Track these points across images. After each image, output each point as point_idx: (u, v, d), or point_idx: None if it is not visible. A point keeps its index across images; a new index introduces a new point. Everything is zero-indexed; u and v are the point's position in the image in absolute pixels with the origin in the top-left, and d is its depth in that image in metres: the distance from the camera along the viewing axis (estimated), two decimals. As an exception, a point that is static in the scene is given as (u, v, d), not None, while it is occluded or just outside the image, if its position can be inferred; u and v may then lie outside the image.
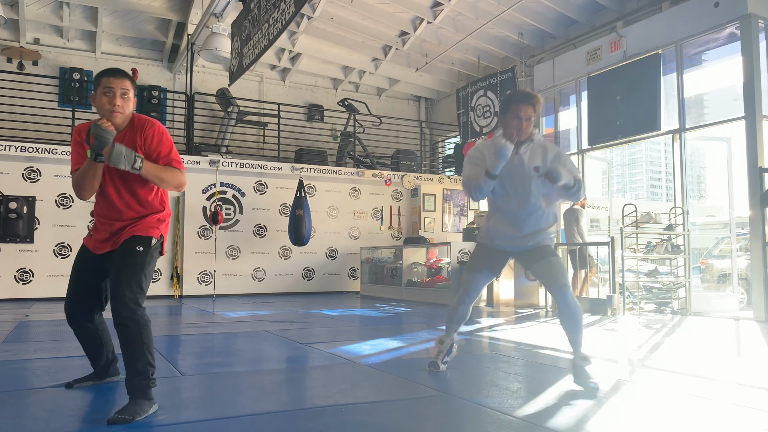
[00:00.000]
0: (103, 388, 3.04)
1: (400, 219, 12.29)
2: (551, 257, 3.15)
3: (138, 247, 2.73)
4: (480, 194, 3.13)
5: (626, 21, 8.92)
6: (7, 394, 2.98)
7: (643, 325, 6.15)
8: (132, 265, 2.68)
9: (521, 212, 3.14)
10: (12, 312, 7.35)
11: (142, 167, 2.63)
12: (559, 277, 3.07)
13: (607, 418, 2.54)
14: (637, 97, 8.38)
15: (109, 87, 2.73)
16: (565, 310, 3.06)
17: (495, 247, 3.29)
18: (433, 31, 10.84)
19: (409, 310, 7.91)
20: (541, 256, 3.15)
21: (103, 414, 2.61)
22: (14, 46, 10.76)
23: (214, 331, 5.63)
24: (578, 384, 3.00)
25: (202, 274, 10.37)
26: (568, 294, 3.03)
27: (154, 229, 2.82)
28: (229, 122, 11.60)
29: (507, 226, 3.19)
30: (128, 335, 2.57)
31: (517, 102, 3.05)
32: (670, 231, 7.88)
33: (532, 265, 3.20)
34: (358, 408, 2.72)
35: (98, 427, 2.45)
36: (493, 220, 3.29)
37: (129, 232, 2.76)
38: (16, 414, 2.60)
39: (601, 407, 2.69)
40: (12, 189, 9.31)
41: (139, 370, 2.55)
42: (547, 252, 3.17)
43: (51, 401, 2.79)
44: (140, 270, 2.69)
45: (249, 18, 8.50)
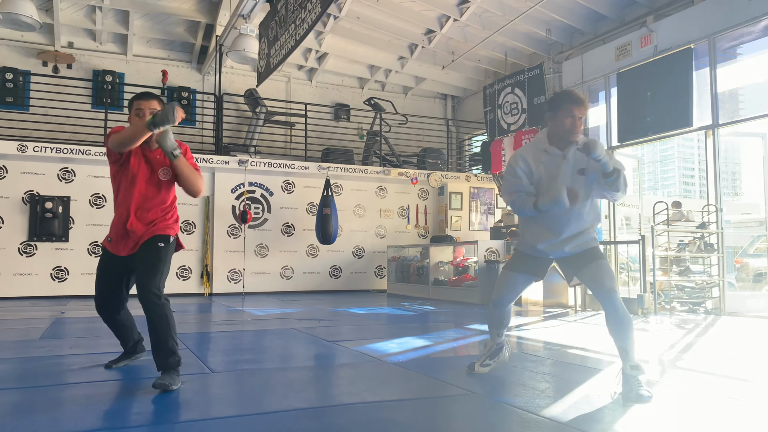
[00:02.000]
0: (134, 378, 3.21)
1: (427, 217, 12.26)
2: (599, 260, 3.00)
3: (159, 243, 3.15)
4: (525, 215, 3.11)
5: (657, 15, 8.75)
6: (44, 389, 3.07)
7: (674, 325, 6.04)
8: (156, 260, 3.11)
9: (563, 216, 3.01)
10: (48, 309, 7.55)
11: (178, 156, 3.07)
12: (606, 281, 2.92)
13: (636, 419, 2.51)
14: (668, 93, 8.21)
15: (139, 108, 3.17)
16: (614, 316, 2.87)
17: (536, 254, 3.16)
18: (460, 29, 10.79)
19: (436, 308, 7.90)
20: (589, 260, 3.01)
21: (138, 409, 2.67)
22: (49, 50, 11.04)
23: (244, 329, 5.70)
24: (626, 395, 2.75)
25: (231, 272, 10.50)
26: (616, 299, 2.86)
27: (171, 229, 3.24)
28: (257, 122, 11.72)
29: (547, 231, 3.06)
30: (156, 320, 2.98)
31: (571, 102, 2.98)
32: (702, 229, 7.72)
33: (579, 270, 3.05)
34: (385, 406, 2.73)
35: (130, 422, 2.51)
36: (533, 224, 3.14)
37: (150, 233, 3.16)
38: (51, 408, 2.68)
39: (630, 408, 2.66)
40: (48, 189, 9.56)
41: (169, 348, 2.98)
42: (594, 255, 3.03)
43: (86, 396, 2.87)
44: (162, 263, 3.13)
45: (276, 19, 8.58)
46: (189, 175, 3.17)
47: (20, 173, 9.43)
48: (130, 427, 2.44)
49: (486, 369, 3.34)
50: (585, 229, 3.05)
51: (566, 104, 2.98)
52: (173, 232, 3.26)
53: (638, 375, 2.80)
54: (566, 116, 2.97)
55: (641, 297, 7.07)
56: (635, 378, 2.78)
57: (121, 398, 2.82)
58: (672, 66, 8.19)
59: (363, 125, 12.92)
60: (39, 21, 8.89)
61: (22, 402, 2.79)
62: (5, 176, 9.36)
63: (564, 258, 3.12)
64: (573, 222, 3.02)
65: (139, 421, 2.51)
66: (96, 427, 2.37)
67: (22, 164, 9.41)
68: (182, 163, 3.12)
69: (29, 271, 9.40)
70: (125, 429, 2.40)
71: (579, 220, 3.03)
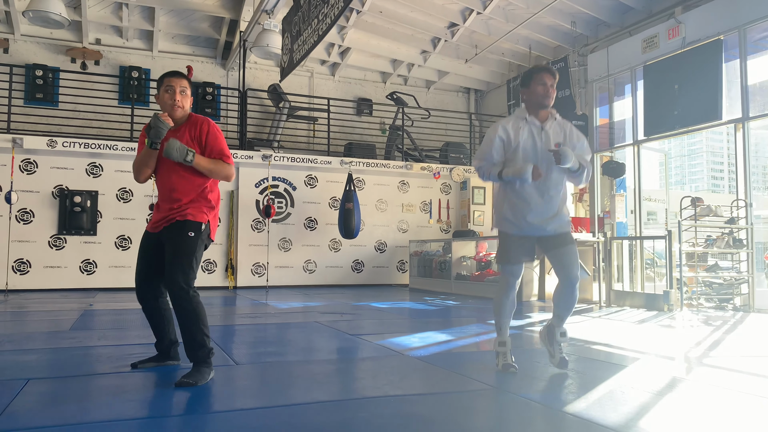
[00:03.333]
0: (163, 371, 3.23)
1: (449, 212, 12.23)
2: (570, 245, 3.23)
3: (190, 232, 3.05)
4: (486, 180, 3.33)
5: (685, 6, 8.58)
6: (74, 378, 3.14)
7: (701, 321, 5.94)
8: (183, 250, 3.01)
9: (543, 189, 3.21)
10: (77, 301, 7.71)
11: (193, 160, 3.02)
12: (574, 269, 3.19)
13: (660, 415, 2.48)
14: (696, 86, 8.06)
15: (170, 85, 3.14)
16: (568, 296, 3.23)
17: (522, 233, 3.28)
18: (483, 22, 10.71)
19: (458, 303, 7.88)
20: (561, 243, 3.22)
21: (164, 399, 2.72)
22: (77, 47, 11.23)
23: (267, 322, 5.76)
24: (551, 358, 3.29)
25: (255, 265, 10.61)
26: (575, 280, 3.19)
27: (204, 214, 3.12)
28: (281, 117, 11.79)
29: (529, 206, 3.22)
30: (184, 312, 2.94)
31: (540, 71, 3.24)
32: (732, 224, 7.57)
33: (550, 251, 3.25)
34: (407, 400, 2.74)
35: (157, 412, 2.56)
36: (511, 198, 3.28)
37: (182, 214, 3.06)
38: (81, 398, 2.74)
39: (655, 405, 2.63)
40: (76, 184, 9.75)
41: (198, 342, 2.94)
42: (567, 239, 3.24)
43: (114, 386, 2.93)
44: (191, 254, 3.02)
45: (299, 14, 8.61)
46: (212, 170, 3.12)
47: (50, 168, 9.64)
48: (157, 417, 2.49)
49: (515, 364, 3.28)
50: (561, 209, 3.27)
51: (536, 74, 3.23)
52: (205, 219, 3.13)
53: (563, 341, 3.29)
54: (538, 84, 3.22)
55: (667, 293, 6.96)
56: (560, 343, 3.28)
57: (148, 389, 2.88)
58: (701, 58, 8.04)
59: (385, 120, 12.92)
60: (67, 18, 9.05)
61: (52, 391, 2.86)
62: (36, 171, 9.57)
63: (541, 238, 3.29)
64: (554, 196, 3.24)
65: (165, 412, 2.56)
66: (124, 416, 2.42)
67: (52, 159, 9.62)
68: (200, 162, 3.07)
69: (59, 263, 9.61)
70: (152, 419, 2.45)
71: (558, 195, 3.26)
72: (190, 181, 3.11)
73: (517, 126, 3.26)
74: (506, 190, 3.30)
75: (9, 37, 10.90)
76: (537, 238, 3.29)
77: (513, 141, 3.23)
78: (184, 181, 3.10)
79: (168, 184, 3.12)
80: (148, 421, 2.41)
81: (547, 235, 3.25)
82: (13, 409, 2.46)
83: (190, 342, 2.96)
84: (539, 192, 3.21)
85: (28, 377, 3.06)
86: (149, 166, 3.13)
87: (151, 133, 3.03)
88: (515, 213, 3.25)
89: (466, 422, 2.44)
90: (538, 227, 3.23)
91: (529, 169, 3.10)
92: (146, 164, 3.12)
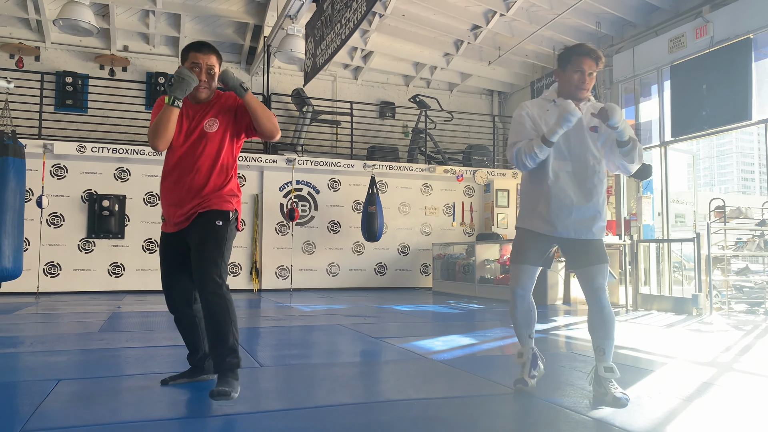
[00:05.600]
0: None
1: (473, 215, 12.17)
2: (602, 264, 2.75)
3: (218, 221, 2.69)
4: (533, 163, 2.75)
5: (713, 5, 8.42)
6: (103, 380, 3.20)
7: (732, 326, 5.82)
8: (214, 241, 2.66)
9: (578, 176, 2.76)
10: (106, 303, 7.85)
11: (248, 89, 2.70)
12: (599, 280, 2.73)
13: (689, 422, 2.44)
14: (725, 86, 7.91)
15: (196, 62, 2.75)
16: (598, 315, 2.72)
17: (542, 230, 2.82)
18: (506, 24, 10.65)
19: (482, 307, 7.84)
20: (594, 261, 2.75)
21: (191, 400, 2.75)
22: (106, 54, 11.46)
23: (291, 324, 5.80)
24: (600, 398, 2.65)
25: (279, 268, 10.69)
26: (604, 298, 2.71)
27: (229, 203, 2.76)
28: (304, 121, 11.86)
29: (563, 195, 2.75)
30: (216, 311, 2.59)
31: (580, 54, 2.75)
32: (763, 227, 7.40)
33: (582, 267, 2.79)
34: (430, 403, 2.73)
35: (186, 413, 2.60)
36: (540, 189, 2.81)
37: (205, 206, 2.70)
38: (110, 399, 2.79)
39: (683, 411, 2.58)
40: (104, 188, 9.94)
41: (230, 347, 2.59)
42: (599, 255, 2.77)
43: (142, 388, 2.97)
44: (222, 245, 2.67)
45: (322, 19, 8.67)
46: (263, 111, 2.71)
47: (79, 173, 9.83)
48: (183, 417, 2.52)
49: (534, 381, 2.92)
50: (600, 205, 2.80)
51: (575, 57, 2.75)
52: (232, 207, 2.76)
53: (612, 378, 2.67)
54: (575, 70, 2.76)
55: (696, 297, 6.83)
56: (609, 381, 2.66)
57: (175, 390, 2.91)
58: (729, 57, 7.88)
59: (408, 123, 12.92)
60: (96, 26, 9.23)
61: (82, 392, 2.92)
62: (66, 176, 9.77)
63: (569, 241, 2.81)
64: (590, 186, 2.77)
65: (191, 413, 2.59)
66: (151, 417, 2.46)
67: (82, 164, 9.81)
68: (254, 98, 2.71)
69: (88, 266, 9.79)
70: (179, 420, 2.48)
71: (597, 186, 2.78)
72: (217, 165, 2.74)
73: (543, 108, 2.84)
74: (536, 178, 2.84)
75: (40, 45, 11.16)
76: (564, 242, 2.83)
77: (538, 127, 2.79)
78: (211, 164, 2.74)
79: (192, 167, 2.72)
80: (176, 422, 2.44)
81: (574, 239, 2.79)
82: (43, 408, 2.51)
83: (221, 346, 2.59)
84: (577, 182, 2.76)
85: (58, 378, 3.13)
86: (171, 127, 2.69)
87: (174, 86, 2.61)
88: (549, 200, 2.78)
89: (489, 426, 2.42)
90: (563, 228, 2.77)
91: (571, 104, 2.65)
92: (167, 124, 2.68)
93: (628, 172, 2.86)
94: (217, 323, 2.59)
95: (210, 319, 2.62)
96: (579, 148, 2.79)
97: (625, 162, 2.78)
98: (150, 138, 2.74)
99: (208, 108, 2.79)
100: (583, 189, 2.77)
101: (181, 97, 2.64)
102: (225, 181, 2.77)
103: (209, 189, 2.73)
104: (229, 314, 2.61)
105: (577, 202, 2.76)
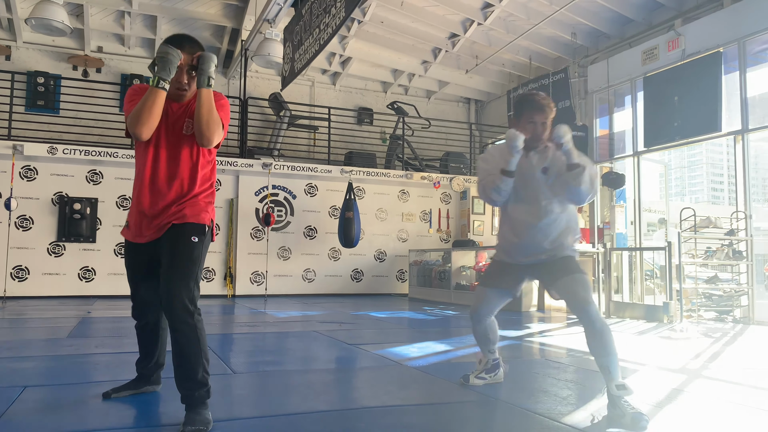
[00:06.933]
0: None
1: (449, 222, 12.23)
2: (574, 274, 2.77)
3: (193, 237, 2.46)
4: (499, 195, 2.89)
5: (685, 19, 8.62)
6: (71, 386, 3.13)
7: (701, 333, 5.93)
8: (188, 260, 2.43)
9: (531, 218, 2.88)
10: (75, 308, 7.69)
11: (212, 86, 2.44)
12: (581, 293, 2.70)
13: (659, 428, 2.47)
14: (696, 98, 8.08)
15: None
16: (591, 331, 2.64)
17: (511, 261, 3.01)
18: (484, 33, 10.76)
19: (458, 313, 7.86)
20: (563, 273, 2.79)
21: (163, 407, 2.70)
22: (79, 55, 11.27)
23: (266, 331, 5.75)
24: (618, 420, 2.48)
25: (254, 274, 10.59)
26: (591, 311, 2.64)
27: (205, 212, 2.55)
28: (281, 126, 11.81)
29: (517, 235, 2.93)
30: (187, 341, 2.36)
31: (531, 108, 2.87)
32: (731, 236, 7.57)
33: (554, 283, 2.83)
34: (405, 410, 2.72)
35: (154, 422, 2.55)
36: (504, 229, 3.04)
37: (179, 216, 2.48)
38: (78, 406, 2.73)
39: (653, 416, 2.61)
40: (76, 191, 9.75)
41: (199, 380, 2.38)
42: (568, 267, 2.81)
43: (111, 394, 2.91)
44: (196, 265, 2.44)
45: (300, 23, 8.65)
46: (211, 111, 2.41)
47: (50, 175, 9.64)
48: (153, 426, 2.48)
49: (481, 382, 3.15)
50: (557, 237, 2.88)
51: (527, 111, 2.88)
52: (208, 219, 2.54)
53: (626, 396, 2.52)
54: (527, 122, 2.88)
55: (667, 305, 6.95)
56: (622, 399, 2.51)
57: (145, 397, 2.86)
58: (700, 70, 8.07)
59: (386, 129, 12.94)
60: (70, 26, 9.07)
61: (50, 399, 2.85)
62: (36, 178, 9.57)
63: (539, 266, 2.93)
64: (544, 226, 2.87)
65: (162, 421, 2.55)
66: (121, 425, 2.41)
67: (52, 166, 9.62)
68: (209, 96, 2.42)
69: (58, 270, 9.59)
70: (149, 428, 2.44)
71: (551, 224, 2.88)
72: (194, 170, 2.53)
73: (503, 153, 2.90)
74: (504, 219, 3.05)
75: (11, 44, 10.94)
76: (535, 268, 2.95)
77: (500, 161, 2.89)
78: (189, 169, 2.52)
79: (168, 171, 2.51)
80: (145, 430, 2.39)
81: (544, 263, 2.90)
82: (9, 416, 2.45)
83: (190, 379, 2.37)
84: (531, 222, 2.89)
85: (25, 384, 3.05)
86: (156, 111, 2.39)
87: (159, 66, 2.34)
88: (506, 238, 2.99)
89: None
90: (531, 256, 2.93)
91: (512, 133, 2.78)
92: (152, 108, 2.38)
93: (580, 199, 2.84)
94: (187, 356, 2.37)
95: (179, 350, 2.38)
96: (531, 189, 2.91)
97: (574, 186, 2.77)
98: (131, 124, 2.40)
99: (187, 109, 2.55)
100: (538, 226, 2.88)
101: (167, 77, 2.35)
102: (202, 187, 2.57)
103: (185, 196, 2.52)
104: (199, 346, 2.38)
105: (533, 240, 2.90)
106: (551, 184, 2.89)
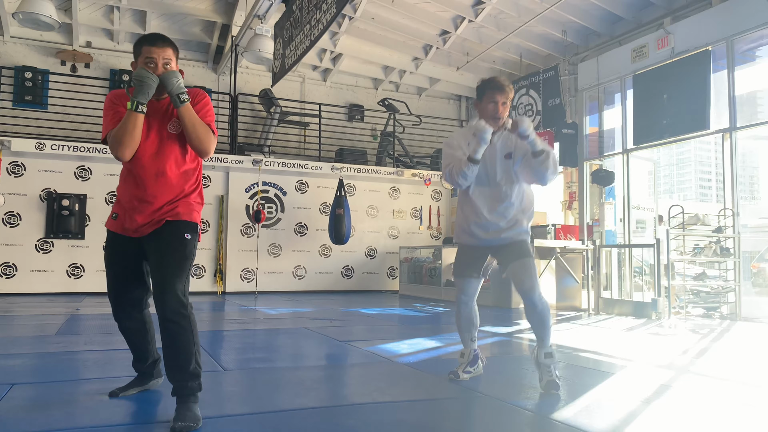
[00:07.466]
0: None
1: (440, 219, 12.25)
2: (524, 258, 3.10)
3: (186, 234, 2.53)
4: (465, 180, 3.13)
5: (674, 17, 8.67)
6: (59, 384, 3.11)
7: (689, 329, 5.98)
8: (181, 257, 2.49)
9: (493, 201, 3.15)
10: (64, 305, 7.64)
11: (187, 102, 2.48)
12: (526, 280, 3.05)
13: (647, 423, 2.49)
14: (685, 96, 8.14)
15: (150, 57, 2.48)
16: (532, 312, 3.08)
17: (475, 243, 3.25)
18: (475, 30, 10.76)
19: (448, 310, 7.89)
20: (515, 257, 3.11)
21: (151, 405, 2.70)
22: (68, 49, 11.17)
23: (256, 328, 5.74)
24: (540, 382, 3.01)
25: (244, 271, 10.56)
26: (535, 296, 3.04)
27: (196, 212, 2.62)
28: (272, 122, 11.77)
29: (479, 215, 3.17)
30: (180, 334, 2.40)
31: (492, 88, 3.12)
32: (719, 233, 7.63)
33: (507, 266, 3.15)
34: (396, 406, 2.73)
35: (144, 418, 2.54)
36: (465, 210, 3.25)
37: (174, 214, 2.53)
38: (66, 404, 2.71)
39: (642, 412, 2.64)
40: (65, 187, 9.68)
41: (191, 372, 2.42)
42: (521, 251, 3.12)
43: (100, 392, 2.89)
44: (188, 260, 2.52)
45: (291, 19, 8.62)
46: (198, 128, 2.50)
47: (38, 171, 9.56)
48: (144, 423, 2.47)
49: (468, 376, 3.27)
50: (517, 218, 3.16)
51: (488, 91, 3.12)
52: (198, 218, 2.63)
53: (551, 363, 3.01)
54: (489, 102, 3.11)
55: (655, 301, 7.01)
56: (548, 366, 3.00)
57: (136, 395, 2.85)
58: (689, 68, 8.12)
59: (377, 126, 12.94)
60: (58, 21, 9.00)
61: (38, 397, 2.83)
62: (23, 174, 9.49)
63: (498, 247, 3.21)
64: (504, 207, 3.14)
65: (152, 418, 2.54)
66: (110, 422, 2.40)
67: (40, 162, 9.54)
68: (191, 112, 2.49)
69: (46, 267, 9.51)
70: (139, 425, 2.43)
71: (511, 206, 3.15)
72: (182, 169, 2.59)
73: (467, 137, 3.16)
74: (462, 199, 3.28)
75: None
76: (492, 249, 3.23)
77: (467, 148, 3.12)
78: (178, 167, 2.57)
79: (157, 169, 2.54)
80: (135, 427, 2.38)
81: (501, 245, 3.18)
82: (-4, 414, 2.43)
83: (182, 372, 2.41)
84: (492, 203, 3.15)
85: (12, 382, 3.03)
86: (137, 134, 2.46)
87: (136, 90, 2.40)
88: (467, 218, 3.23)
89: (454, 429, 2.43)
90: (490, 236, 3.17)
91: (481, 124, 3.01)
92: (133, 132, 2.44)
93: (544, 181, 3.12)
94: (179, 347, 2.41)
95: (170, 341, 2.41)
96: (494, 173, 3.16)
97: (540, 170, 3.05)
98: (113, 147, 2.48)
99: (172, 107, 2.56)
100: (498, 209, 3.15)
101: (144, 101, 2.43)
102: (191, 186, 2.62)
103: (176, 195, 2.56)
104: (192, 336, 2.43)
105: (492, 220, 3.15)
106: (516, 169, 3.16)
